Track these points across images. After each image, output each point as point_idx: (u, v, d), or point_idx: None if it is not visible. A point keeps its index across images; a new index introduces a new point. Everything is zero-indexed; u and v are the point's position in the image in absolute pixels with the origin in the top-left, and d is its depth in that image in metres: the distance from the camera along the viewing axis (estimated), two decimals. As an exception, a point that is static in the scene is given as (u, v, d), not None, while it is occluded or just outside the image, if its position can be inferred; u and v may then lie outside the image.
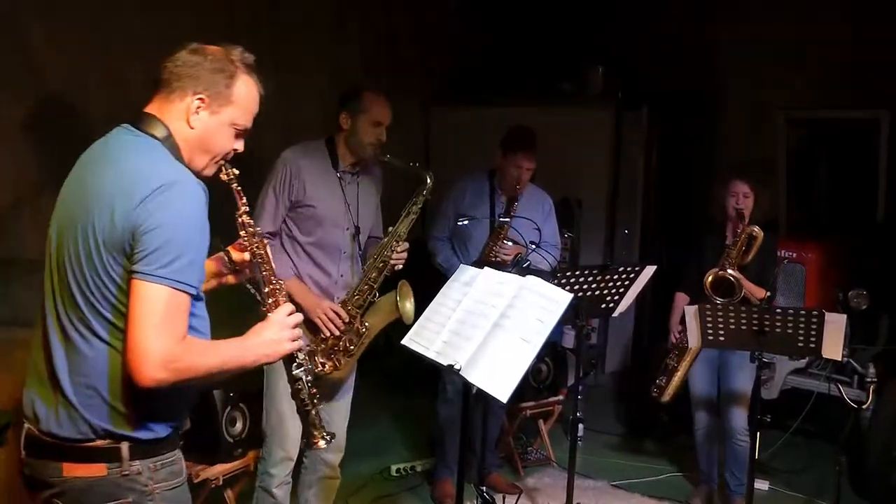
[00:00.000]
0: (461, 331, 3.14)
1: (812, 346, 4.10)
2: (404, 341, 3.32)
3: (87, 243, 2.17)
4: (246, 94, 2.38)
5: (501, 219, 4.94)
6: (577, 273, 4.17)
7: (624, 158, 7.45)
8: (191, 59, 2.32)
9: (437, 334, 3.21)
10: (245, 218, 2.52)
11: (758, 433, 4.42)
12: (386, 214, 4.26)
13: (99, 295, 2.17)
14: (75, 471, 2.22)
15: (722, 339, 4.31)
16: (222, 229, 2.56)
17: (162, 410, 2.27)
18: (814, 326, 4.04)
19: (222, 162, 2.44)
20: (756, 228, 4.81)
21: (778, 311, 4.13)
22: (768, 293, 4.87)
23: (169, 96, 2.33)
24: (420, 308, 3.47)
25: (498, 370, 2.93)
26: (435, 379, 5.15)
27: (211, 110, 2.33)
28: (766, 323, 4.11)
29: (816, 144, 7.30)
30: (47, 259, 2.31)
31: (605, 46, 7.61)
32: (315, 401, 2.59)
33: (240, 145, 2.45)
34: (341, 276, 4.01)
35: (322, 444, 2.61)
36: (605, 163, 7.44)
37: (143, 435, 2.24)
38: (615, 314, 4.50)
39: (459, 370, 3.01)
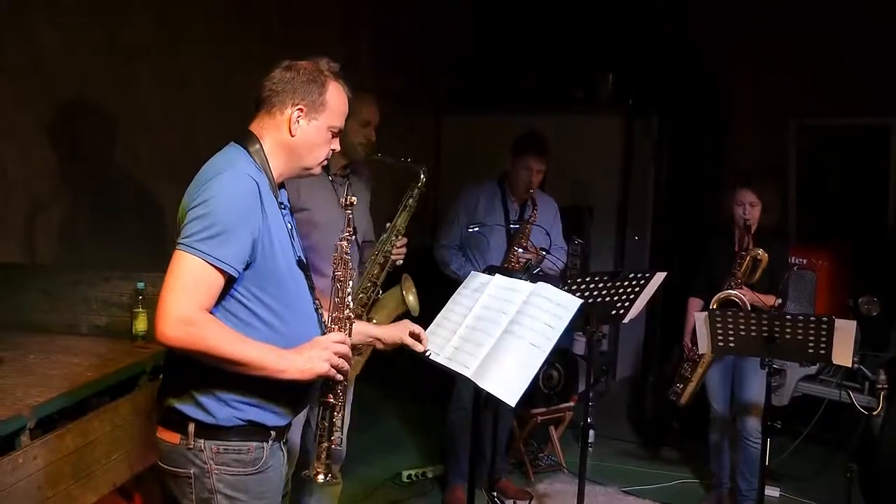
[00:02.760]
0: (471, 337, 3.16)
1: (822, 352, 4.08)
2: (415, 347, 3.34)
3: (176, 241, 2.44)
4: (337, 98, 2.63)
5: (523, 221, 5.00)
6: (588, 279, 4.17)
7: (634, 165, 7.45)
8: (285, 75, 2.57)
9: (447, 340, 3.22)
10: (344, 244, 2.69)
11: (768, 439, 4.42)
12: (384, 212, 4.28)
13: None
14: (162, 434, 2.55)
15: (731, 345, 4.31)
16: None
17: (224, 401, 2.47)
18: (824, 333, 4.03)
19: (325, 161, 2.71)
20: (760, 252, 4.80)
21: (788, 317, 4.12)
22: (779, 300, 4.87)
23: (270, 111, 2.58)
24: (430, 316, 3.47)
25: (508, 375, 2.94)
26: (445, 384, 5.16)
27: (309, 118, 2.58)
28: (776, 329, 4.10)
29: (827, 151, 7.31)
30: None
31: (615, 53, 7.61)
32: (332, 436, 2.61)
33: (336, 145, 2.70)
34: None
35: (321, 479, 2.60)
36: (615, 169, 7.44)
37: (203, 418, 2.46)
38: (625, 320, 4.50)
39: (470, 376, 3.03)
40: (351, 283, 2.68)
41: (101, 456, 3.31)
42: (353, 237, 3.97)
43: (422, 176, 3.99)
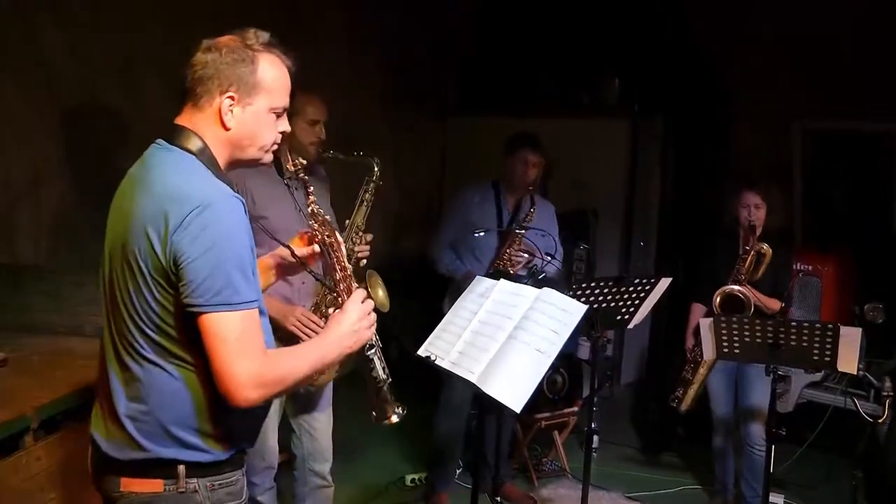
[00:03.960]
0: (477, 342, 3.16)
1: (827, 359, 4.07)
2: (420, 352, 3.33)
3: (132, 269, 2.15)
4: (273, 74, 2.28)
5: (519, 228, 4.96)
6: (593, 285, 4.16)
7: (640, 169, 7.45)
8: (207, 58, 2.22)
9: (452, 345, 3.22)
10: (314, 207, 2.58)
11: (773, 446, 4.40)
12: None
13: (146, 318, 2.15)
14: (133, 486, 2.22)
15: (737, 351, 4.30)
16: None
17: (220, 435, 2.25)
18: (829, 340, 4.01)
19: (275, 146, 2.38)
20: (764, 246, 4.81)
21: (793, 324, 4.11)
22: (783, 304, 4.86)
23: (198, 103, 2.23)
24: (435, 321, 3.47)
25: (513, 381, 2.94)
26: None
27: (243, 104, 2.24)
28: (781, 336, 4.09)
29: (832, 156, 7.30)
30: (101, 283, 2.30)
31: (620, 57, 7.61)
32: (387, 375, 2.58)
33: (284, 125, 2.36)
34: (303, 283, 3.92)
35: (395, 418, 2.58)
36: (621, 173, 7.45)
37: (200, 458, 2.23)
38: (630, 326, 4.49)
39: (475, 381, 3.02)
40: (336, 233, 2.63)
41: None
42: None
43: (375, 169, 3.89)
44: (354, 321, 2.38)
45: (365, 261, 3.89)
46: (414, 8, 7.63)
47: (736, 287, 4.79)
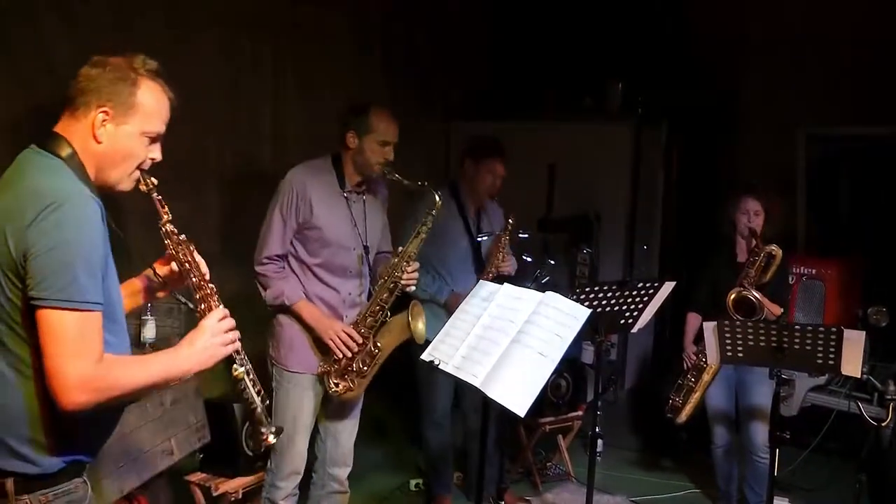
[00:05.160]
0: (480, 346, 3.16)
1: (831, 362, 4.06)
2: (424, 356, 3.34)
3: None
4: (152, 100, 2.32)
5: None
6: (596, 289, 4.16)
7: (643, 174, 7.44)
8: (92, 72, 2.28)
9: (455, 349, 3.22)
10: (169, 227, 2.47)
11: (777, 450, 4.40)
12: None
13: None
14: None
15: (741, 355, 4.29)
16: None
17: (52, 445, 2.19)
18: (832, 343, 4.01)
19: (139, 173, 2.37)
20: (774, 247, 4.80)
21: (797, 327, 4.11)
22: (783, 310, 4.87)
23: (74, 113, 2.28)
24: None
25: (516, 385, 2.94)
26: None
27: (116, 122, 2.27)
28: (785, 339, 4.09)
29: (837, 160, 7.29)
30: None
31: (624, 62, 7.61)
32: (259, 397, 2.51)
33: (156, 153, 2.39)
34: (349, 294, 4.01)
35: (272, 439, 2.49)
36: (624, 178, 7.43)
37: (28, 470, 2.17)
38: (634, 330, 4.49)
39: (478, 385, 3.03)
40: (194, 252, 2.52)
41: (108, 463, 3.31)
42: (356, 251, 4.00)
43: (438, 201, 3.96)
44: (206, 338, 2.34)
45: (412, 288, 3.94)
46: (418, 12, 7.63)
47: (753, 292, 4.75)
